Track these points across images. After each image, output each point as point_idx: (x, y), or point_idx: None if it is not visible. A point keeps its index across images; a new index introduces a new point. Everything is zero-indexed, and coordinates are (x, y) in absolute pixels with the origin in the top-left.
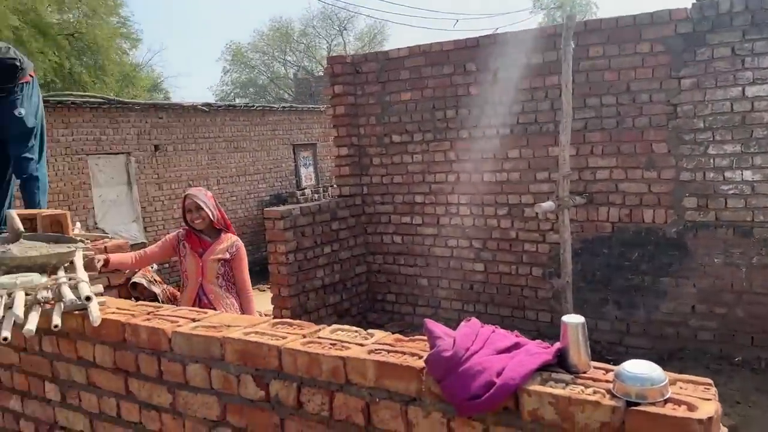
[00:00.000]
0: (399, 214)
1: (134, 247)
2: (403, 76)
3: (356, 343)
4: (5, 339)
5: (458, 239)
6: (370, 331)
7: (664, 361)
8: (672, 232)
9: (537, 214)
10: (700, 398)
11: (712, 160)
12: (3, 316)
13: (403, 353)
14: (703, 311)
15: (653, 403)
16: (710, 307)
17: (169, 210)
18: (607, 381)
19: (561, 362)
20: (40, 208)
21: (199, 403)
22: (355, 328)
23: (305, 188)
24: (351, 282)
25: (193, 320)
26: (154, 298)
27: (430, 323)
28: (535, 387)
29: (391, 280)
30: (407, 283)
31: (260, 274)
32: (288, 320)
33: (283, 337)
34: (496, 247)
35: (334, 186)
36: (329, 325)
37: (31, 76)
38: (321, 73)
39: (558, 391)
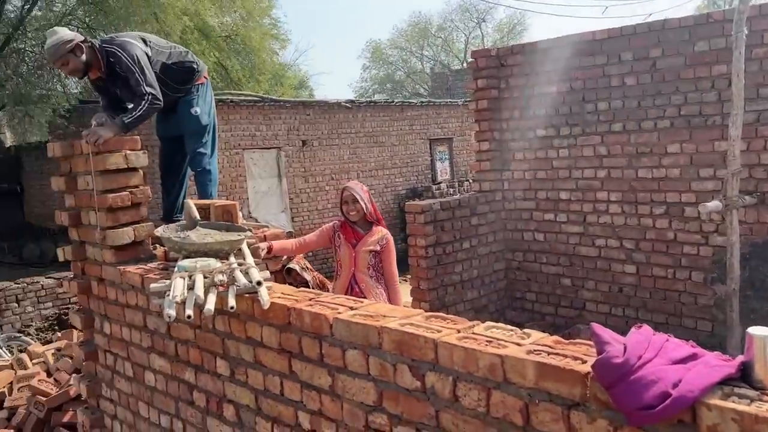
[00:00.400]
0: (542, 211)
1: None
2: (551, 67)
3: (513, 342)
4: (189, 317)
5: (607, 239)
6: (526, 330)
7: None
8: None
9: (700, 214)
10: None
11: None
12: (185, 297)
13: (565, 356)
14: None
15: None
16: None
17: (313, 202)
18: None
19: (744, 377)
20: (211, 199)
21: (357, 387)
22: (510, 327)
23: (440, 182)
24: (489, 278)
25: (351, 308)
26: (305, 284)
27: (598, 327)
28: (716, 401)
29: (531, 278)
30: (549, 283)
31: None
32: (441, 314)
33: (438, 331)
34: (650, 249)
35: (470, 181)
36: (468, 320)
37: (205, 77)
38: (458, 67)
39: (743, 407)
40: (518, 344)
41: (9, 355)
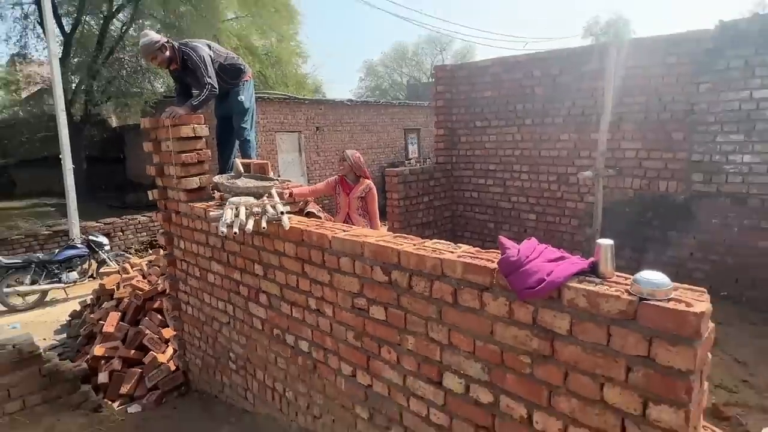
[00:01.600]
0: (477, 177)
1: None
2: (486, 79)
3: (449, 251)
4: (235, 233)
5: (518, 196)
6: (459, 244)
7: None
8: (681, 198)
9: (578, 180)
10: (695, 300)
11: (718, 146)
12: (233, 221)
13: (481, 258)
14: (699, 257)
15: (660, 300)
16: (705, 255)
17: (323, 170)
18: (626, 285)
19: (593, 271)
20: (251, 159)
21: (347, 281)
22: (449, 243)
23: (411, 159)
24: (440, 222)
25: (344, 231)
26: None
27: (503, 239)
28: (574, 284)
29: (468, 222)
30: (479, 226)
31: (380, 215)
32: (404, 234)
33: (400, 244)
34: (546, 204)
35: (431, 157)
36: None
37: (249, 77)
38: (426, 81)
39: (590, 287)
40: (452, 252)
41: (116, 265)
